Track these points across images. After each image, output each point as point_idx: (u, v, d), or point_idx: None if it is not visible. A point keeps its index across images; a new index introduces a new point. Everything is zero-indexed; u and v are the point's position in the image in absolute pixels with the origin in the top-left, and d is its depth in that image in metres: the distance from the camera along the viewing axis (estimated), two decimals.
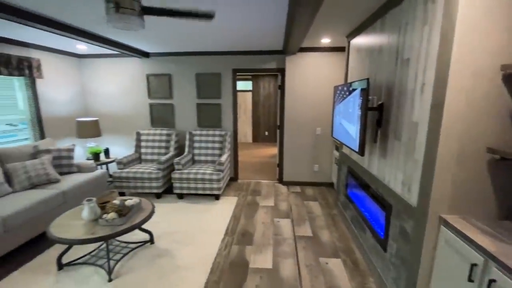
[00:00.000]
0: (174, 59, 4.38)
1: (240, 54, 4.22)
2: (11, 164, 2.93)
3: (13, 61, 3.27)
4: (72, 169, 3.50)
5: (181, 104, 4.52)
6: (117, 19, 1.57)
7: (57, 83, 4.06)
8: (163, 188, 3.86)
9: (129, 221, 2.26)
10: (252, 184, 4.52)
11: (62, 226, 2.16)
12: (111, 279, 2.14)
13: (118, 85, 4.56)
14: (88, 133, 4.12)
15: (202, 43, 3.63)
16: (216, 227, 3.01)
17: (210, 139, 4.23)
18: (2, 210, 2.38)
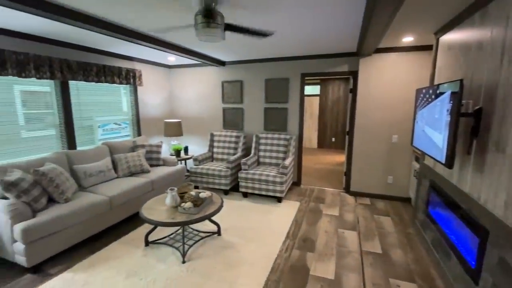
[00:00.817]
0: (246, 66, 4.67)
1: (309, 58, 4.21)
2: (117, 155, 3.63)
3: (123, 72, 4.07)
4: (159, 162, 4.11)
5: (250, 108, 4.77)
6: (205, 33, 1.80)
7: (151, 90, 4.85)
8: (230, 186, 4.14)
9: (202, 211, 2.52)
10: (316, 191, 4.40)
11: (150, 209, 2.57)
12: (184, 261, 2.42)
13: (198, 91, 5.14)
14: (173, 133, 4.76)
15: (272, 50, 3.77)
16: (277, 229, 3.06)
17: (275, 143, 4.33)
18: (110, 191, 2.98)
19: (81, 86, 3.61)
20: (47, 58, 3.03)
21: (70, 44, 3.31)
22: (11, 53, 2.70)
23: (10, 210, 2.17)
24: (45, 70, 3.01)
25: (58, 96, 3.33)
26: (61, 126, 3.40)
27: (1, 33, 2.66)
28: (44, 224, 2.25)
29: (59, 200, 2.57)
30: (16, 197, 2.29)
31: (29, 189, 2.36)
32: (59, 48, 3.24)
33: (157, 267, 2.35)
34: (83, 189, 3.04)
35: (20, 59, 2.77)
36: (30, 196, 2.34)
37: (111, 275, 2.24)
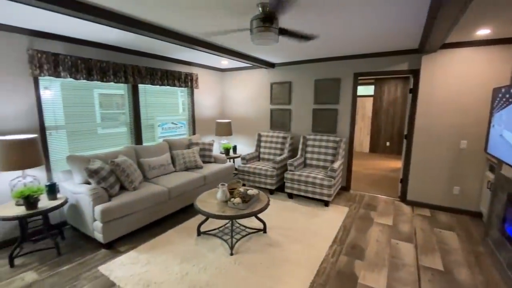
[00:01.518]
0: (296, 68, 4.67)
1: (363, 57, 4.00)
2: (175, 151, 3.99)
3: (182, 76, 4.47)
4: (211, 159, 4.38)
5: (298, 109, 4.75)
6: (260, 37, 1.88)
7: (205, 92, 5.20)
8: (276, 186, 4.19)
9: (249, 207, 2.62)
10: (366, 198, 4.16)
11: (203, 202, 2.77)
12: (232, 253, 2.55)
13: (247, 93, 5.33)
14: (223, 132, 5.02)
15: (323, 49, 3.70)
16: (324, 233, 2.99)
17: (323, 145, 4.23)
18: (169, 183, 3.31)
19: (147, 89, 4.08)
20: (122, 65, 3.51)
21: (140, 52, 3.77)
22: (96, 62, 3.21)
23: (92, 193, 2.59)
24: (121, 75, 3.49)
25: (130, 98, 3.83)
26: (131, 124, 3.89)
27: (89, 45, 3.18)
28: (117, 207, 2.62)
29: (129, 188, 2.96)
30: (97, 183, 2.71)
31: (107, 176, 2.77)
32: (131, 56, 3.72)
33: (208, 256, 2.53)
34: (147, 180, 3.43)
35: (103, 66, 3.28)
36: (108, 182, 2.75)
37: (168, 259, 2.48)
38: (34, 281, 2.19)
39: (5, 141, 2.30)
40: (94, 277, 2.23)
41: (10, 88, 2.62)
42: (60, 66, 2.87)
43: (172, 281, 2.17)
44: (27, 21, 2.44)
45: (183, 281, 2.17)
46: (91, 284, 2.14)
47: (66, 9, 1.93)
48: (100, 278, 2.22)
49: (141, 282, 2.15)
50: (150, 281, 2.16)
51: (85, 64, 3.09)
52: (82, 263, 2.43)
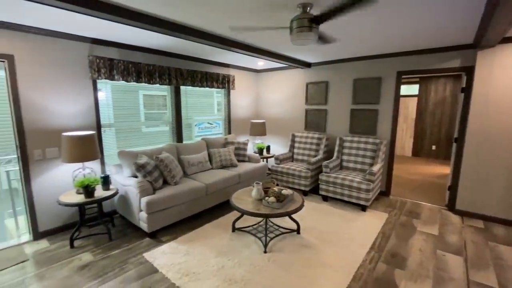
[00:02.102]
0: (333, 67, 4.56)
1: (408, 54, 3.76)
2: (212, 149, 4.16)
3: (220, 78, 4.63)
4: (245, 158, 4.48)
5: (334, 109, 4.63)
6: (300, 37, 1.89)
7: (241, 93, 5.33)
8: (310, 187, 4.13)
9: (284, 207, 2.63)
10: (408, 204, 3.90)
11: (239, 199, 2.86)
12: (266, 251, 2.59)
13: (282, 93, 5.34)
14: (257, 132, 5.10)
15: (363, 47, 3.56)
16: (360, 238, 2.88)
17: (361, 147, 4.06)
18: (206, 179, 3.46)
19: (188, 90, 4.32)
20: (167, 68, 3.76)
21: (182, 55, 4.00)
22: (144, 65, 3.49)
23: (139, 186, 2.82)
24: (165, 78, 3.75)
25: (172, 99, 4.09)
26: (173, 123, 4.15)
27: (138, 50, 3.47)
28: (160, 200, 2.83)
29: (170, 182, 3.16)
30: (143, 177, 2.95)
31: (152, 171, 3.00)
32: (174, 59, 3.97)
33: (242, 252, 2.60)
34: (186, 175, 3.64)
35: (150, 69, 3.55)
36: (152, 176, 2.98)
37: (205, 251, 2.61)
38: (90, 262, 2.46)
39: (69, 137, 2.62)
40: (139, 263, 2.44)
41: (75, 90, 2.98)
42: (114, 69, 3.18)
43: (208, 273, 2.27)
44: (88, 31, 2.76)
45: (219, 273, 2.27)
46: (137, 269, 2.34)
47: (120, 18, 2.14)
48: (145, 264, 2.41)
49: (181, 271, 2.29)
50: (189, 271, 2.29)
51: (135, 68, 3.38)
52: (129, 249, 2.67)
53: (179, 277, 2.21)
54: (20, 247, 2.70)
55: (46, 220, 2.90)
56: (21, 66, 2.61)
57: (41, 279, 2.22)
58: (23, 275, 2.26)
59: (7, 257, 2.51)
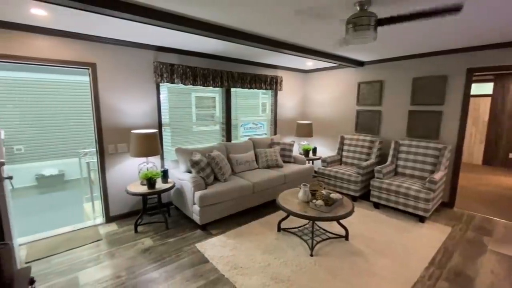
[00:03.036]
0: (389, 65, 4.25)
1: (481, 49, 3.30)
2: (258, 149, 4.25)
3: (268, 79, 4.71)
4: (291, 159, 4.47)
5: (390, 111, 4.31)
6: (356, 36, 1.83)
7: (288, 93, 5.33)
8: (359, 193, 3.93)
9: (332, 211, 2.57)
10: (477, 219, 3.43)
11: (285, 199, 2.87)
12: (312, 254, 2.55)
13: (330, 94, 5.18)
14: (303, 133, 5.03)
15: (425, 43, 3.24)
16: (418, 251, 2.64)
17: (420, 152, 3.70)
18: (253, 178, 3.56)
19: (238, 92, 4.49)
20: (219, 71, 3.97)
21: (233, 59, 4.18)
22: (200, 69, 3.74)
23: (194, 181, 3.04)
24: (218, 81, 3.97)
25: (223, 100, 4.30)
26: (222, 123, 4.37)
27: (195, 55, 3.74)
28: (211, 195, 3.01)
29: (220, 179, 3.34)
30: (197, 172, 3.17)
31: (205, 167, 3.21)
32: (226, 63, 4.17)
33: (288, 252, 2.61)
34: (234, 173, 3.79)
35: (205, 73, 3.80)
36: (205, 173, 3.19)
37: (252, 248, 2.69)
38: (150, 246, 2.74)
39: (137, 134, 2.97)
40: (192, 252, 2.63)
41: (142, 92, 3.36)
42: (174, 74, 3.49)
43: (255, 269, 2.34)
44: (154, 39, 3.08)
45: (266, 271, 2.32)
46: (190, 258, 2.54)
47: (183, 27, 2.35)
48: (197, 254, 2.60)
49: (230, 264, 2.41)
50: (237, 265, 2.40)
51: (192, 72, 3.65)
52: (183, 238, 2.90)
53: (228, 270, 2.33)
54: (96, 228, 3.15)
55: (116, 206, 3.33)
56: (101, 72, 3.04)
57: (112, 257, 2.56)
58: (98, 252, 2.64)
59: (86, 236, 2.95)
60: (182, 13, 2.23)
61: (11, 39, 2.50)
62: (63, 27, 2.61)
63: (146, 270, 2.35)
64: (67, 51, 2.81)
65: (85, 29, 2.68)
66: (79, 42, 2.87)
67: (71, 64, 2.85)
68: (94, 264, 2.44)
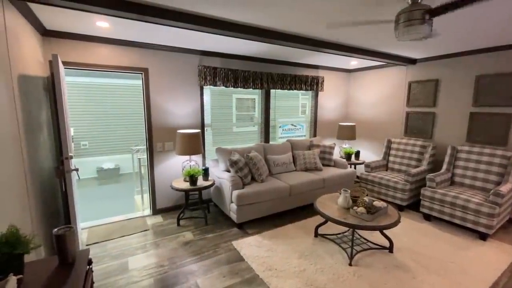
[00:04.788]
0: (446, 62, 3.82)
1: None
2: (296, 151, 4.19)
3: (309, 80, 4.61)
4: (331, 163, 4.31)
5: (446, 113, 3.87)
6: (408, 32, 1.69)
7: (330, 94, 5.14)
8: (407, 202, 3.60)
9: (375, 220, 2.40)
10: None
11: (323, 204, 2.78)
12: (351, 263, 2.42)
13: (377, 94, 4.85)
14: (345, 136, 4.81)
15: (492, 36, 2.83)
16: (477, 273, 2.32)
17: (484, 160, 3.25)
18: (290, 180, 3.52)
19: (277, 93, 4.49)
20: (259, 73, 4.02)
21: (273, 60, 4.19)
22: (241, 72, 3.83)
23: (232, 180, 3.13)
24: (258, 83, 4.02)
25: (262, 102, 4.34)
26: (261, 124, 4.41)
27: (236, 58, 3.84)
28: (249, 194, 3.06)
29: (258, 179, 3.38)
30: (235, 172, 3.26)
31: (243, 167, 3.27)
32: (266, 64, 4.19)
33: (325, 259, 2.52)
34: (271, 175, 3.79)
35: (245, 75, 3.88)
36: (243, 172, 3.25)
37: (288, 250, 2.66)
38: (191, 240, 2.90)
39: (182, 133, 3.16)
40: (229, 249, 2.70)
41: (187, 95, 3.57)
42: (217, 77, 3.63)
43: (291, 273, 2.31)
44: (199, 44, 3.25)
45: (301, 276, 2.27)
46: (227, 254, 2.61)
47: (222, 30, 2.43)
48: (233, 251, 2.66)
49: (265, 265, 2.41)
50: (272, 266, 2.39)
51: (233, 74, 3.76)
52: (221, 235, 3.00)
53: (263, 270, 2.34)
54: (144, 219, 3.44)
55: (161, 199, 3.60)
56: (152, 76, 3.32)
57: (157, 246, 2.76)
58: (145, 241, 2.87)
59: (136, 225, 3.24)
60: (224, 17, 2.31)
61: (79, 48, 2.87)
62: (121, 36, 2.91)
63: (187, 262, 2.49)
64: (124, 58, 3.12)
65: (139, 37, 2.95)
66: (134, 49, 3.16)
67: (127, 69, 3.16)
68: (142, 252, 2.67)
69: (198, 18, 2.25)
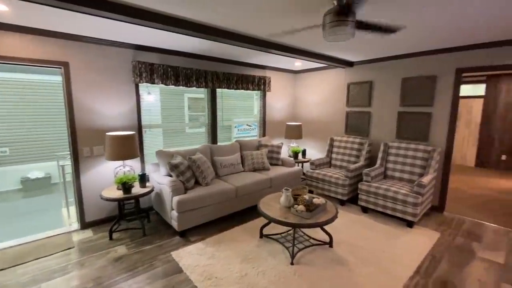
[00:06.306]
0: (378, 65, 4.16)
1: (469, 48, 3.21)
2: (245, 151, 4.13)
3: (256, 80, 4.59)
4: (278, 162, 4.35)
5: (379, 112, 4.21)
6: (333, 32, 1.72)
7: (277, 94, 5.21)
8: (347, 196, 3.81)
9: (314, 217, 2.44)
10: (467, 223, 3.33)
11: (267, 204, 2.75)
12: (293, 262, 2.43)
13: (320, 95, 5.07)
14: (293, 135, 4.92)
15: (414, 43, 3.15)
16: (404, 259, 2.52)
17: (410, 154, 3.60)
18: (237, 182, 3.43)
19: (228, 92, 4.37)
20: (203, 71, 3.85)
21: (218, 58, 4.06)
22: (182, 69, 3.61)
23: (172, 185, 2.91)
24: (202, 81, 3.84)
25: (209, 101, 4.17)
26: (208, 125, 4.24)
27: (176, 54, 3.60)
28: (191, 199, 2.87)
29: (202, 183, 3.21)
30: (176, 176, 3.04)
31: (185, 171, 3.07)
32: (211, 63, 4.04)
33: (268, 260, 2.48)
34: (218, 177, 3.66)
35: (187, 73, 3.67)
36: (185, 176, 3.05)
37: (231, 256, 2.55)
38: (124, 255, 2.60)
39: (112, 136, 2.83)
40: (167, 261, 2.49)
41: (119, 93, 3.22)
42: (154, 73, 3.35)
43: (231, 279, 2.21)
44: (132, 38, 2.95)
45: (242, 281, 2.19)
46: (164, 267, 2.40)
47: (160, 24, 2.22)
48: (171, 263, 2.46)
49: (205, 274, 2.27)
50: (212, 275, 2.26)
51: (174, 71, 3.52)
52: (159, 246, 2.76)
53: (202, 280, 2.19)
54: (70, 234, 3.00)
55: (92, 211, 3.18)
56: (75, 72, 2.90)
57: (81, 266, 2.41)
58: (67, 262, 2.49)
59: (58, 243, 2.80)
60: (160, 10, 2.11)
61: None
62: (29, 23, 2.47)
63: (115, 281, 2.21)
64: (37, 49, 2.66)
65: (56, 26, 2.54)
66: (50, 40, 2.72)
67: (42, 63, 2.70)
68: (61, 274, 2.30)
69: (127, 9, 2.01)
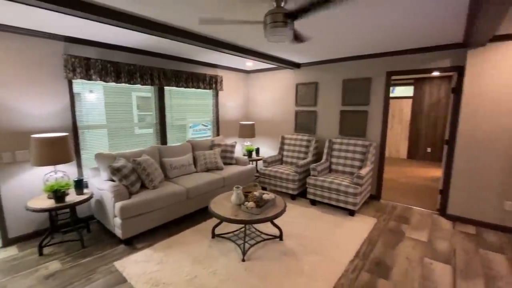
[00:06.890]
0: (322, 67, 4.45)
1: (398, 54, 3.65)
2: (197, 152, 4.03)
3: (207, 78, 4.52)
4: (232, 161, 4.35)
5: (324, 111, 4.51)
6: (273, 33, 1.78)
7: (230, 93, 5.21)
8: (298, 191, 4.01)
9: (263, 212, 2.51)
10: (399, 209, 3.77)
11: (218, 204, 2.73)
12: (244, 259, 2.46)
13: (272, 95, 5.22)
14: (246, 134, 4.97)
15: (352, 47, 3.45)
16: (346, 245, 2.75)
17: (350, 149, 3.94)
18: (188, 183, 3.33)
19: (173, 91, 4.20)
20: (149, 68, 3.64)
21: (165, 55, 3.89)
22: (124, 65, 3.37)
23: (114, 190, 2.69)
24: (147, 78, 3.63)
25: (156, 100, 3.97)
26: (156, 125, 4.03)
27: (117, 49, 3.35)
28: (136, 205, 2.70)
29: (149, 186, 3.04)
30: (119, 180, 2.82)
31: (128, 175, 2.87)
32: (158, 59, 3.85)
33: (219, 260, 2.47)
34: (168, 179, 3.51)
35: (130, 69, 3.44)
36: (129, 180, 2.85)
37: (181, 259, 2.47)
38: (57, 271, 2.32)
39: (38, 138, 2.50)
40: (109, 272, 2.30)
41: (48, 90, 2.86)
42: (91, 69, 3.06)
43: (180, 283, 2.14)
44: (63, 29, 2.64)
45: (192, 284, 2.13)
46: (105, 279, 2.21)
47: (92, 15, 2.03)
48: (114, 273, 2.28)
49: (151, 281, 2.16)
50: (159, 281, 2.16)
51: (114, 67, 3.26)
52: (101, 257, 2.53)
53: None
54: None
55: (16, 226, 2.77)
56: None
57: None
58: None
59: None
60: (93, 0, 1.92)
61: None
62: None
63: None
64: None
65: None
66: None
67: None
68: None
69: None
